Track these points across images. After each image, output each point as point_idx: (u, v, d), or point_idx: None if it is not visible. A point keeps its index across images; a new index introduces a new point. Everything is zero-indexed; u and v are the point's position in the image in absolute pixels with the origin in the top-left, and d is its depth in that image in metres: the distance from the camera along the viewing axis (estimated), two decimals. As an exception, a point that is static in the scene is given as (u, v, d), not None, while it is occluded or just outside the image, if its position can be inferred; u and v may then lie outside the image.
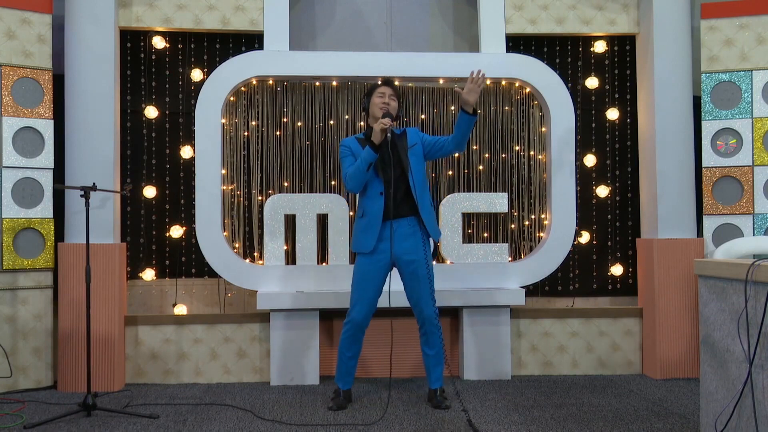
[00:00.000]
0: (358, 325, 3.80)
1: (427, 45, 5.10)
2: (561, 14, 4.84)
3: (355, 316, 3.80)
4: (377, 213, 3.76)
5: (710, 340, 2.88)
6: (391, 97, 3.86)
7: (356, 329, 3.81)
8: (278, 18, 4.64)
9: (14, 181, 4.26)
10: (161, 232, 4.77)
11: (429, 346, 3.86)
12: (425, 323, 3.81)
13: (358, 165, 3.71)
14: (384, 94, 3.86)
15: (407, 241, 3.79)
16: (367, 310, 3.81)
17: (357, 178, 3.73)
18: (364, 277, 3.80)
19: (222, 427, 3.51)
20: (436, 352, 3.86)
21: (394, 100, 3.88)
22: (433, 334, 3.83)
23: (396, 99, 3.89)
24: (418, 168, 3.83)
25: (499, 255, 4.71)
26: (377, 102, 3.85)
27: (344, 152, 3.87)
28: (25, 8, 4.32)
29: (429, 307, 3.80)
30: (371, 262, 3.79)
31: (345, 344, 3.86)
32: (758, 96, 4.58)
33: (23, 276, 4.30)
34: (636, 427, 3.47)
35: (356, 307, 3.81)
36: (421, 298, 3.79)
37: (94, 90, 4.37)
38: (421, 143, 3.90)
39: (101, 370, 4.28)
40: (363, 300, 3.80)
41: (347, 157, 3.84)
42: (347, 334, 3.83)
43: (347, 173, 3.78)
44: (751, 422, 2.56)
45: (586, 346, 4.77)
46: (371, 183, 3.79)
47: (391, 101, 3.85)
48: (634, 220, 4.99)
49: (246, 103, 4.80)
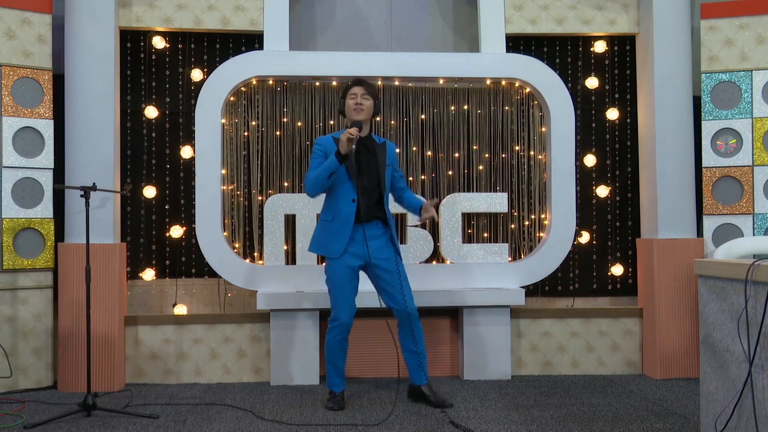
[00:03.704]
0: (346, 327, 3.80)
1: (427, 45, 5.10)
2: (561, 14, 4.84)
3: (343, 318, 3.78)
4: (349, 217, 3.75)
5: (710, 340, 2.88)
6: (363, 96, 3.79)
7: (345, 331, 3.80)
8: (278, 18, 4.64)
9: (14, 181, 4.26)
10: (161, 232, 4.77)
11: (415, 342, 3.86)
12: (411, 319, 3.81)
13: (319, 172, 3.68)
14: (356, 95, 3.80)
15: (379, 240, 3.83)
16: (351, 311, 3.81)
17: (317, 185, 3.72)
18: (342, 280, 3.78)
19: (222, 427, 3.51)
20: (421, 348, 3.87)
21: (368, 99, 3.81)
22: (418, 329, 3.85)
23: (370, 97, 3.82)
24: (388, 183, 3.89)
25: (499, 255, 4.71)
26: (350, 104, 3.80)
27: (317, 152, 3.82)
28: (25, 8, 4.32)
29: (412, 301, 3.84)
30: (345, 265, 3.77)
31: (336, 347, 3.83)
32: (758, 96, 4.58)
33: (23, 276, 4.30)
34: (636, 427, 3.47)
35: (342, 309, 3.78)
36: (405, 293, 3.81)
37: (94, 90, 4.37)
38: (392, 168, 3.95)
39: (101, 370, 4.28)
40: (347, 301, 3.79)
41: (317, 158, 3.80)
42: (338, 337, 3.80)
43: (309, 177, 3.74)
44: (751, 422, 2.56)
45: (586, 346, 4.77)
46: (343, 187, 3.76)
47: (363, 101, 3.79)
48: (634, 220, 4.99)
49: (246, 103, 4.80)
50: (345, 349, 3.86)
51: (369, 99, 3.82)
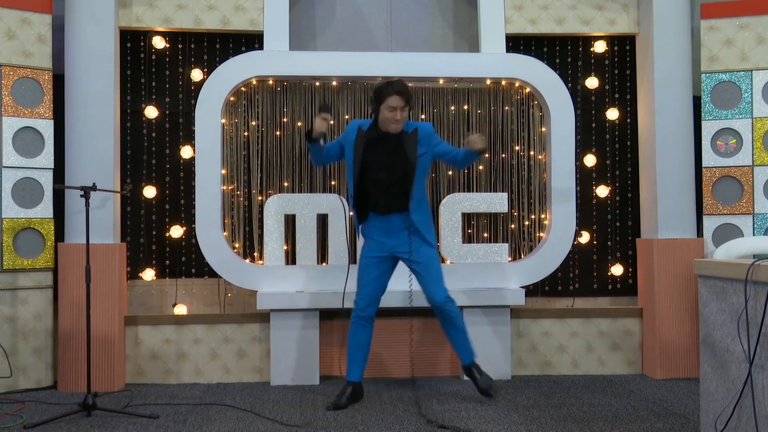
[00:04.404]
0: (361, 310, 3.87)
1: (427, 45, 5.10)
2: (561, 14, 4.84)
3: (358, 300, 3.89)
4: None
5: (710, 340, 2.88)
6: (402, 110, 3.74)
7: (358, 315, 3.87)
8: (278, 18, 4.64)
9: (14, 181, 4.26)
10: (161, 232, 4.77)
11: (454, 328, 3.90)
12: (439, 308, 3.85)
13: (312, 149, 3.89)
14: (396, 108, 3.72)
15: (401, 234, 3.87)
16: (368, 296, 3.87)
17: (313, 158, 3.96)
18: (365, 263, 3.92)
19: (222, 427, 3.51)
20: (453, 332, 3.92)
21: (405, 111, 3.77)
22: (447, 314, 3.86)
23: (407, 107, 3.79)
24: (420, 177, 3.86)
25: (499, 255, 4.71)
26: (388, 116, 3.74)
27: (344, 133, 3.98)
28: (25, 8, 4.32)
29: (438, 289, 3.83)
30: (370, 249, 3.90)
31: (350, 331, 3.92)
32: (758, 96, 4.58)
33: (23, 276, 4.30)
34: (636, 427, 3.47)
35: (359, 295, 3.91)
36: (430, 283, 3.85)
37: (94, 90, 4.37)
38: (430, 152, 3.89)
39: (101, 370, 4.28)
40: (364, 287, 3.89)
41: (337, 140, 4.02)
42: (352, 320, 3.91)
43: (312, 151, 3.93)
44: (751, 422, 2.56)
45: (586, 346, 4.77)
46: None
47: (402, 115, 3.75)
48: (634, 220, 4.99)
49: (246, 103, 4.80)
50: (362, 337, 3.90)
51: (406, 110, 3.79)
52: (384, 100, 3.73)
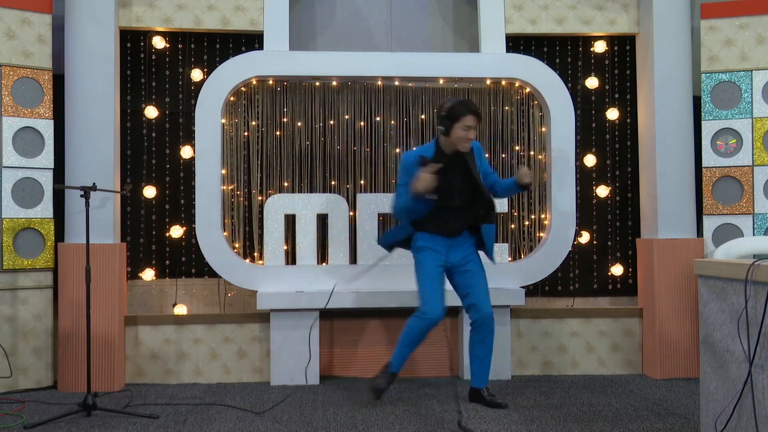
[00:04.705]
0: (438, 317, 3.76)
1: (427, 45, 5.10)
2: (561, 14, 4.84)
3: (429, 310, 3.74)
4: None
5: (710, 340, 2.88)
6: (475, 129, 3.74)
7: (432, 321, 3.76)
8: (278, 18, 4.64)
9: (14, 181, 4.26)
10: (161, 232, 4.77)
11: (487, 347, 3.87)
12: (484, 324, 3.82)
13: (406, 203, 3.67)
14: (471, 127, 3.70)
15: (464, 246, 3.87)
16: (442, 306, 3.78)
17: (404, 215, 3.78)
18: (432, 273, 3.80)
19: (222, 427, 3.51)
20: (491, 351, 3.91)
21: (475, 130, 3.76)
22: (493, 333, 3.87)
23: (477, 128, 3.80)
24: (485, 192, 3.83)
25: (499, 255, 4.70)
26: (461, 135, 3.69)
27: (402, 173, 3.75)
28: (25, 8, 4.32)
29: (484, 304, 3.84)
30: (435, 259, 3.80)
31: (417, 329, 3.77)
32: (758, 96, 4.58)
33: (23, 276, 4.30)
34: (636, 427, 3.47)
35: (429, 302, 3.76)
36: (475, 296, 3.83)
37: (94, 90, 4.37)
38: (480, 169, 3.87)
39: (101, 370, 4.28)
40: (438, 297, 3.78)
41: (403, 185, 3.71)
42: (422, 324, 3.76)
43: (397, 204, 3.78)
44: (751, 422, 2.56)
45: (586, 346, 4.77)
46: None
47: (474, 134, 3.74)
48: (634, 220, 4.99)
49: (246, 103, 4.80)
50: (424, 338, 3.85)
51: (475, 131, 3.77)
52: (459, 119, 3.68)
